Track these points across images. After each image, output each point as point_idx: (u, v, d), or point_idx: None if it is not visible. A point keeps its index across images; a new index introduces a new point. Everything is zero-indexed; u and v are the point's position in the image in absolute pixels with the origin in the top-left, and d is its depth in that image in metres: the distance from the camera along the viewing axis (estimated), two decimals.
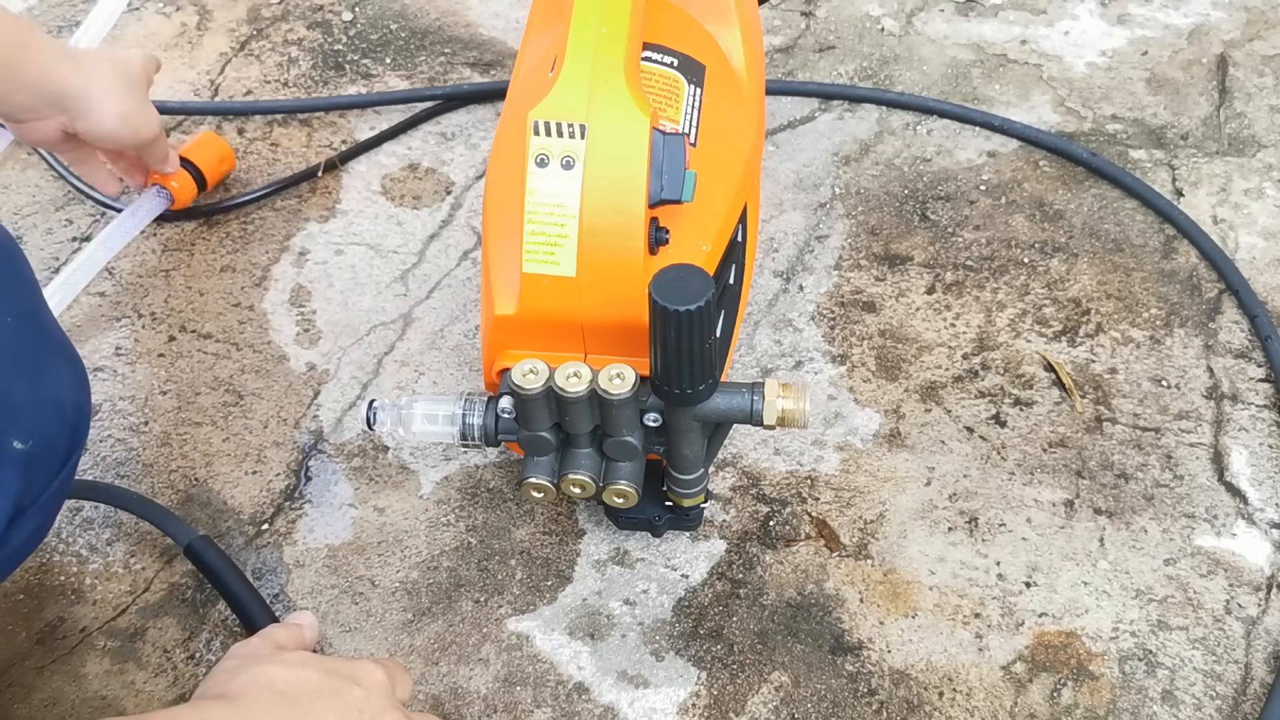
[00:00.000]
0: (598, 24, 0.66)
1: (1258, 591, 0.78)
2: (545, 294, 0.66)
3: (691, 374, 0.63)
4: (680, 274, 0.61)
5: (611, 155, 0.64)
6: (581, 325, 0.67)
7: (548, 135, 0.64)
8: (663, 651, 0.77)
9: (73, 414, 0.61)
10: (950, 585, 0.80)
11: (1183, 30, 1.22)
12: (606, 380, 0.65)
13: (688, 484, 0.73)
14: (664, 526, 0.80)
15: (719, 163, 0.75)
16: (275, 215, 1.09)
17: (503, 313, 0.68)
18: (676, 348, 0.61)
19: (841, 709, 0.74)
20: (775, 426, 0.68)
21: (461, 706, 0.75)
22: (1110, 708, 0.73)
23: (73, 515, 0.87)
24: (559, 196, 0.64)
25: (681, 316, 0.59)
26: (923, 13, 1.27)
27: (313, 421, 0.92)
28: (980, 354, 0.94)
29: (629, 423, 0.67)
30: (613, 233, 0.65)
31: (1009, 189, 1.07)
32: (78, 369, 0.63)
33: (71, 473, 0.63)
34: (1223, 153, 1.09)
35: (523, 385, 0.65)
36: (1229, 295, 0.96)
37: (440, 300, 1.01)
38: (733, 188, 0.74)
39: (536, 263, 0.66)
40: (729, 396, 0.67)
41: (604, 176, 0.64)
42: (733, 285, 0.78)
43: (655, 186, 0.65)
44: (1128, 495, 0.84)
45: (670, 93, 0.76)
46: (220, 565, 0.80)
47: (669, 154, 0.65)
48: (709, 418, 0.68)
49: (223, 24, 1.32)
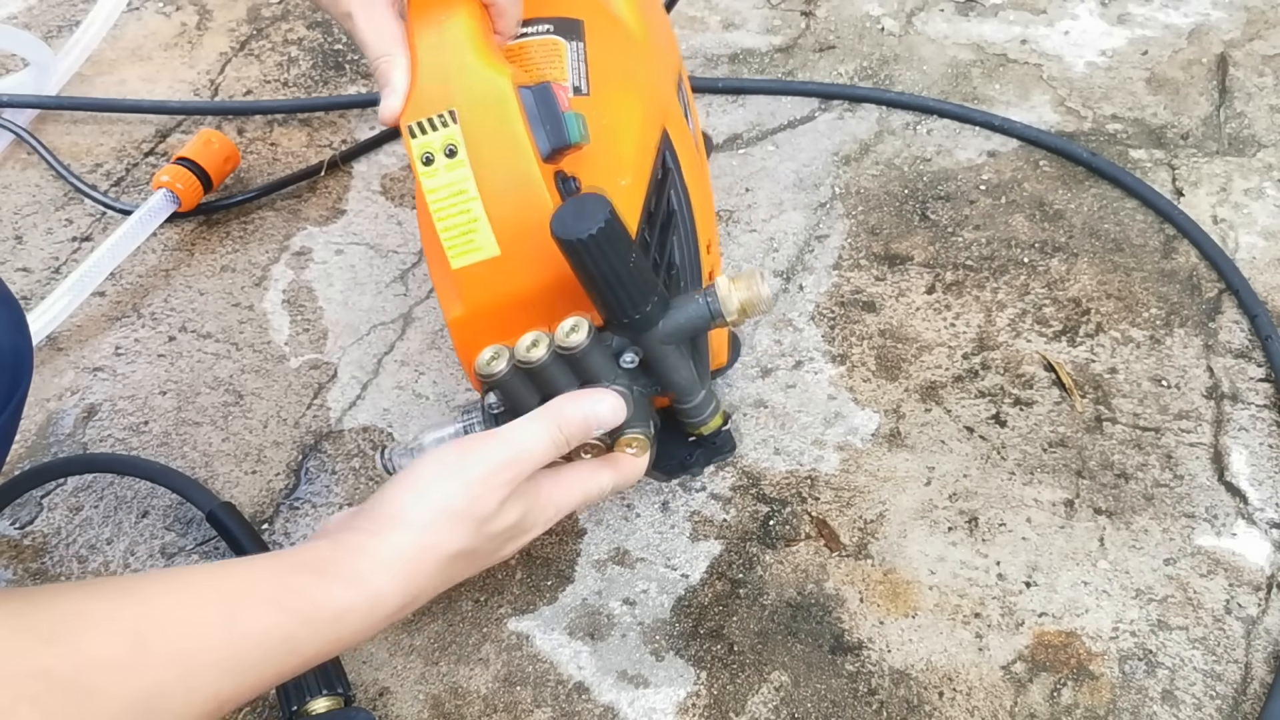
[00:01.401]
0: (436, 21, 0.67)
1: (1258, 591, 0.78)
2: (482, 282, 0.67)
3: (630, 296, 0.62)
4: (576, 204, 0.61)
5: (486, 126, 0.64)
6: (528, 298, 0.67)
7: (424, 134, 0.64)
8: (663, 651, 0.77)
9: (11, 356, 0.61)
10: (950, 585, 0.80)
11: (1183, 30, 1.22)
12: (564, 336, 0.65)
13: (697, 409, 0.72)
14: (699, 462, 0.78)
15: (618, 100, 0.75)
16: (275, 215, 1.09)
17: (453, 316, 0.69)
18: (600, 275, 0.61)
19: (841, 709, 0.74)
20: (741, 320, 0.67)
21: (461, 706, 0.75)
22: (1110, 708, 0.73)
23: (73, 515, 0.87)
24: (455, 185, 0.65)
25: (587, 243, 0.59)
26: (923, 12, 1.27)
27: (313, 421, 0.92)
28: (980, 354, 0.94)
29: (607, 371, 0.67)
30: (518, 198, 0.65)
31: (1009, 189, 1.07)
32: (15, 313, 0.63)
33: (14, 418, 0.63)
34: (1223, 152, 1.09)
35: (490, 373, 0.66)
36: (1229, 295, 0.96)
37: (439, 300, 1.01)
38: (638, 119, 0.74)
39: (461, 255, 0.66)
40: (684, 308, 0.66)
41: (488, 149, 0.64)
42: (678, 210, 0.77)
43: (541, 139, 0.65)
44: (1128, 495, 0.84)
45: (551, 56, 0.77)
46: (241, 532, 0.80)
47: (540, 103, 0.65)
48: (675, 335, 0.67)
49: (223, 24, 1.32)
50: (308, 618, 0.51)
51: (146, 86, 1.26)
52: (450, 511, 0.57)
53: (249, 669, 0.48)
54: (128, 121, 1.21)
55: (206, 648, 0.46)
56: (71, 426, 0.93)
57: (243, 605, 0.49)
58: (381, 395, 0.94)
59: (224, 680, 0.46)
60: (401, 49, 0.65)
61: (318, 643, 0.51)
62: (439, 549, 0.57)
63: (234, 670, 0.47)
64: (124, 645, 0.43)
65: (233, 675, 0.47)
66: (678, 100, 0.84)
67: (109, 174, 1.15)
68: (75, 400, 0.95)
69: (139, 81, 1.26)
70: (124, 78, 1.27)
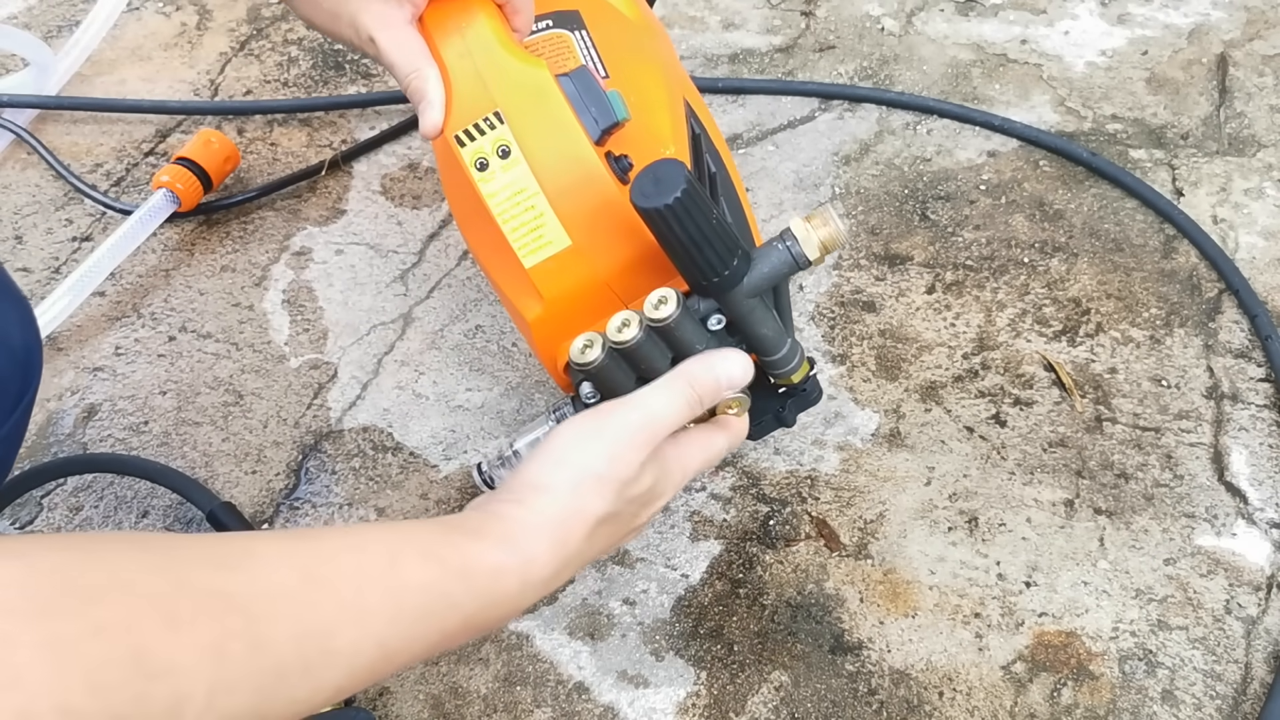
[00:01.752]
0: (458, 28, 0.67)
1: (1258, 591, 0.78)
2: (558, 275, 0.66)
3: (718, 255, 0.62)
4: (651, 173, 0.60)
5: (534, 120, 0.64)
6: (605, 283, 0.67)
7: (472, 139, 0.64)
8: (662, 651, 0.77)
9: (22, 354, 0.62)
10: (950, 585, 0.80)
11: (1183, 30, 1.22)
12: (652, 310, 0.64)
13: (784, 360, 0.71)
14: (792, 413, 0.77)
15: (639, 76, 0.75)
16: (275, 215, 1.09)
17: (533, 316, 0.68)
18: (689, 238, 0.61)
19: (841, 709, 0.74)
20: (822, 258, 0.66)
21: (461, 706, 0.75)
22: (1110, 708, 0.73)
23: (73, 515, 0.87)
24: (515, 184, 0.65)
25: (674, 207, 0.59)
26: (923, 12, 1.27)
27: (313, 421, 0.92)
28: (980, 354, 0.94)
29: (698, 336, 0.66)
30: (579, 185, 0.65)
31: (1009, 189, 1.07)
32: (25, 312, 0.63)
33: (24, 416, 0.63)
34: (1223, 152, 1.09)
35: (585, 361, 0.65)
36: (1229, 295, 0.96)
37: (440, 300, 1.01)
38: (663, 91, 0.75)
39: (533, 252, 0.66)
40: (766, 258, 0.66)
41: (542, 142, 0.65)
42: (717, 172, 0.77)
43: (589, 123, 0.65)
44: (1128, 495, 0.84)
45: (561, 49, 0.77)
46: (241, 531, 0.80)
47: (582, 87, 0.65)
48: (761, 287, 0.66)
49: (223, 24, 1.32)
50: (465, 572, 0.51)
51: (146, 86, 1.26)
52: (594, 474, 0.57)
53: (414, 620, 0.48)
54: (128, 121, 1.21)
55: (372, 590, 0.46)
56: (71, 426, 0.93)
57: (404, 554, 0.49)
58: (381, 395, 0.94)
59: (389, 629, 0.46)
60: (429, 62, 0.65)
61: (476, 601, 0.51)
62: (585, 512, 0.56)
63: (399, 619, 0.47)
64: (295, 578, 0.44)
65: (397, 624, 0.47)
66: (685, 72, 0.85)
67: (109, 174, 1.15)
68: (75, 400, 0.95)
69: (139, 81, 1.26)
70: (124, 78, 1.27)
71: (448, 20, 0.67)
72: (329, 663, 0.43)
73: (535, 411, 0.92)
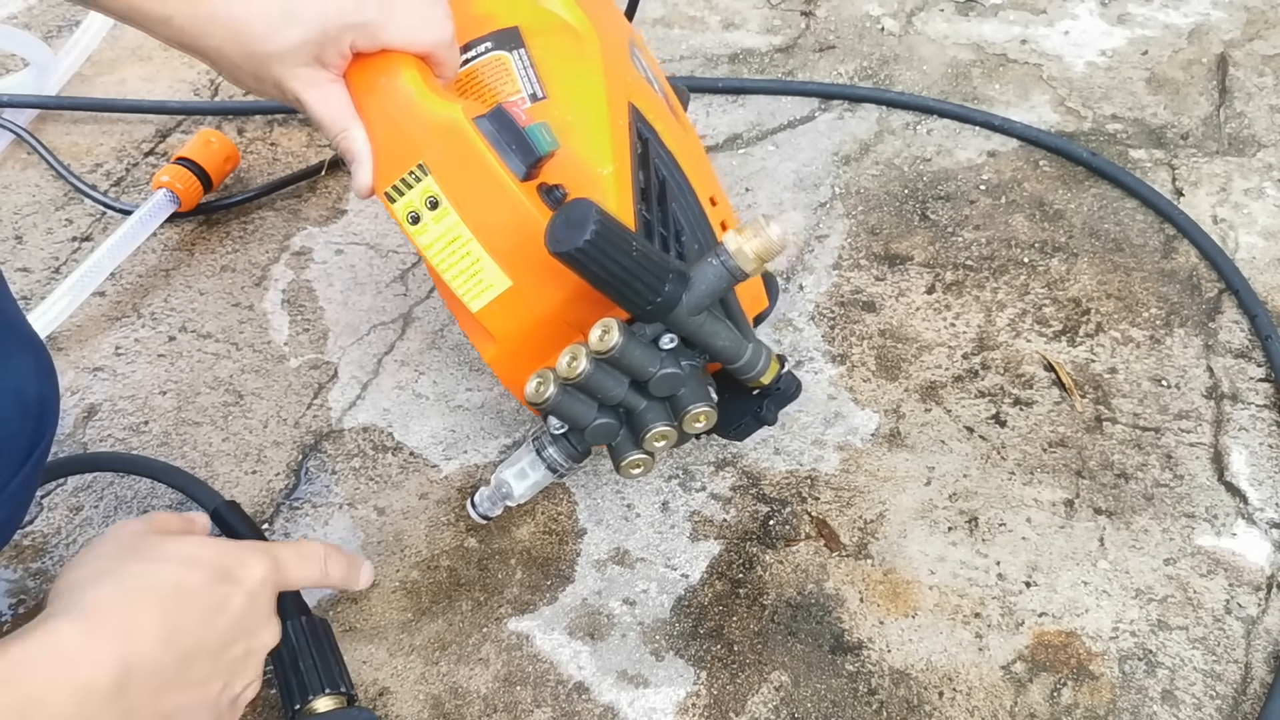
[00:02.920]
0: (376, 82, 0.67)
1: (1258, 591, 0.78)
2: (505, 315, 0.68)
3: (645, 284, 0.62)
4: (562, 215, 0.61)
5: (456, 166, 0.65)
6: (553, 316, 0.68)
7: (401, 195, 0.65)
8: (662, 651, 0.77)
9: (35, 405, 0.60)
10: (950, 585, 0.80)
11: (1183, 30, 1.22)
12: (597, 342, 0.65)
13: (749, 365, 0.71)
14: (772, 412, 0.76)
15: (577, 93, 0.75)
16: (275, 215, 1.09)
17: (490, 355, 0.70)
18: (610, 275, 0.61)
19: (841, 709, 0.74)
20: (761, 267, 0.66)
21: (461, 706, 0.75)
22: (1110, 707, 0.73)
23: (73, 515, 0.87)
24: (449, 234, 0.66)
25: (585, 248, 0.59)
26: (923, 12, 1.27)
27: (313, 421, 0.92)
28: (980, 354, 0.94)
29: (649, 359, 0.67)
30: (510, 226, 0.65)
31: (1009, 189, 1.07)
32: (43, 360, 0.62)
33: (38, 466, 0.62)
34: (1223, 152, 1.09)
35: (541, 399, 0.66)
36: (1229, 295, 0.96)
37: (440, 300, 1.01)
38: (602, 104, 0.74)
39: (477, 296, 0.67)
40: (703, 275, 0.65)
41: (466, 189, 0.65)
42: (668, 176, 0.76)
43: (514, 162, 0.65)
44: (1128, 495, 0.84)
45: (500, 72, 0.76)
46: (245, 530, 0.80)
47: (500, 126, 0.65)
48: (702, 304, 0.66)
49: None
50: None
51: (146, 86, 1.26)
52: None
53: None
54: (128, 121, 1.21)
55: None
56: (71, 426, 0.93)
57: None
58: (381, 395, 0.94)
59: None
60: (355, 120, 0.66)
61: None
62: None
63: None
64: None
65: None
66: (635, 68, 0.83)
67: (109, 174, 1.15)
68: (75, 400, 0.95)
69: (139, 81, 1.26)
70: (124, 78, 1.27)
71: (368, 75, 0.67)
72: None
73: None
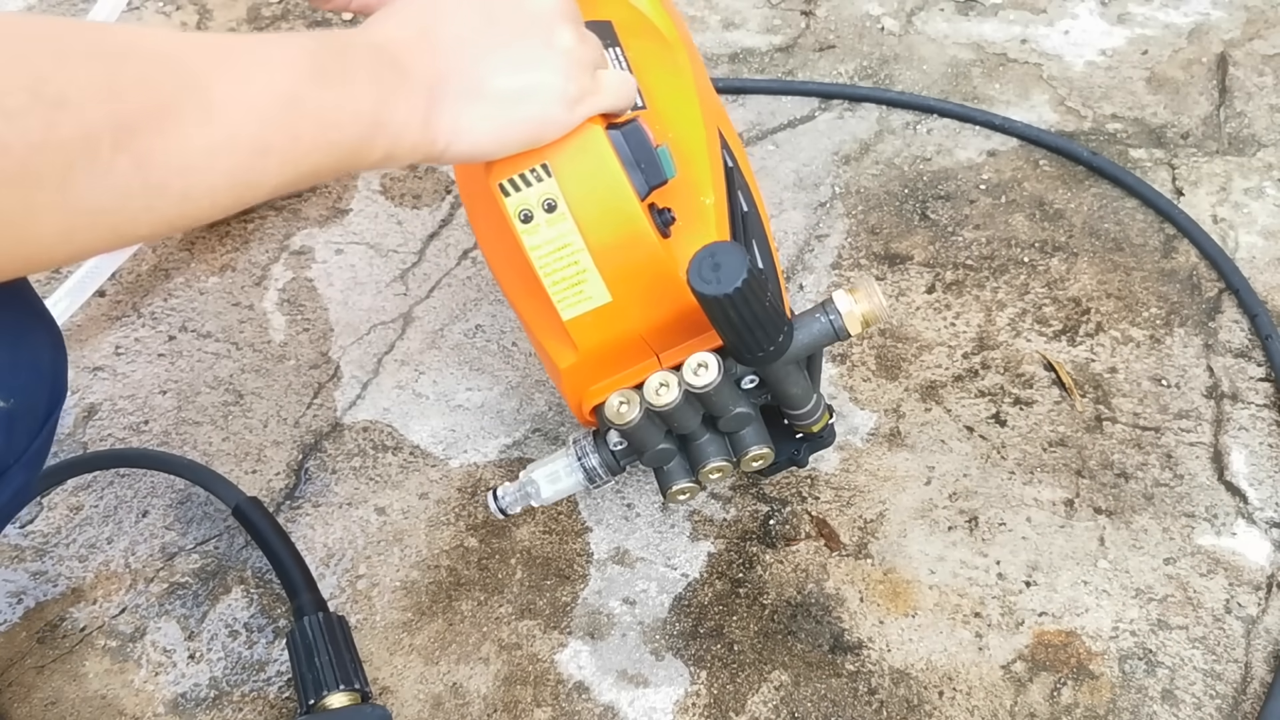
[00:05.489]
0: None
1: (1257, 591, 0.78)
2: (594, 329, 0.66)
3: (766, 334, 0.63)
4: (710, 257, 0.60)
5: (584, 177, 0.62)
6: (642, 336, 0.67)
7: (517, 190, 0.62)
8: (662, 651, 0.77)
9: (50, 374, 0.62)
10: (950, 584, 0.80)
11: (1183, 29, 1.22)
12: (691, 376, 0.65)
13: (808, 414, 0.72)
14: (806, 455, 0.78)
15: (676, 109, 0.73)
16: (275, 215, 1.09)
17: (566, 365, 0.68)
18: (742, 323, 0.61)
19: (841, 708, 0.74)
20: (862, 332, 0.67)
21: (461, 706, 0.75)
22: (1110, 707, 0.73)
23: (73, 515, 0.87)
24: (560, 240, 0.63)
25: (733, 297, 0.59)
26: (923, 12, 1.27)
27: (313, 421, 0.92)
28: (980, 353, 0.94)
29: (731, 398, 0.67)
30: (624, 243, 0.64)
31: (1009, 188, 1.07)
32: (54, 332, 0.64)
33: (51, 433, 0.64)
34: (1223, 152, 1.09)
35: (621, 420, 0.66)
36: (1229, 294, 0.96)
37: (440, 299, 1.01)
38: (700, 127, 0.72)
39: (572, 306, 0.65)
40: (808, 328, 0.66)
41: (590, 200, 0.63)
42: (748, 211, 0.76)
43: (638, 181, 0.64)
44: (1128, 494, 0.84)
45: None
46: (266, 526, 0.80)
47: (634, 144, 0.64)
48: (798, 356, 0.67)
49: (223, 23, 1.32)
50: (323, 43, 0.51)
51: None
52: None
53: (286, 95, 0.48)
54: None
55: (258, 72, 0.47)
56: (72, 426, 0.93)
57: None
58: (382, 395, 0.94)
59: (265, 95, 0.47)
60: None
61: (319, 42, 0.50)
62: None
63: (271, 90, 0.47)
64: (177, 41, 0.46)
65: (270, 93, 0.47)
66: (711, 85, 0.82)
67: None
68: (75, 400, 0.95)
69: None
70: None
71: None
72: (214, 117, 0.45)
73: (535, 411, 0.92)
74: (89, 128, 0.40)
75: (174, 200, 0.45)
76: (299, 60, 0.49)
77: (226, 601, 0.81)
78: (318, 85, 0.49)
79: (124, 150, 0.41)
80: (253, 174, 0.47)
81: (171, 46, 0.45)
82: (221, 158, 0.45)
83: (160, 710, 0.76)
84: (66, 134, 0.40)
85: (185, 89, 0.44)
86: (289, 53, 0.49)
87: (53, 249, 0.42)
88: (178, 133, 0.43)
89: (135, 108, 0.42)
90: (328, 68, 0.49)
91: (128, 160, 0.42)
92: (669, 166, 0.64)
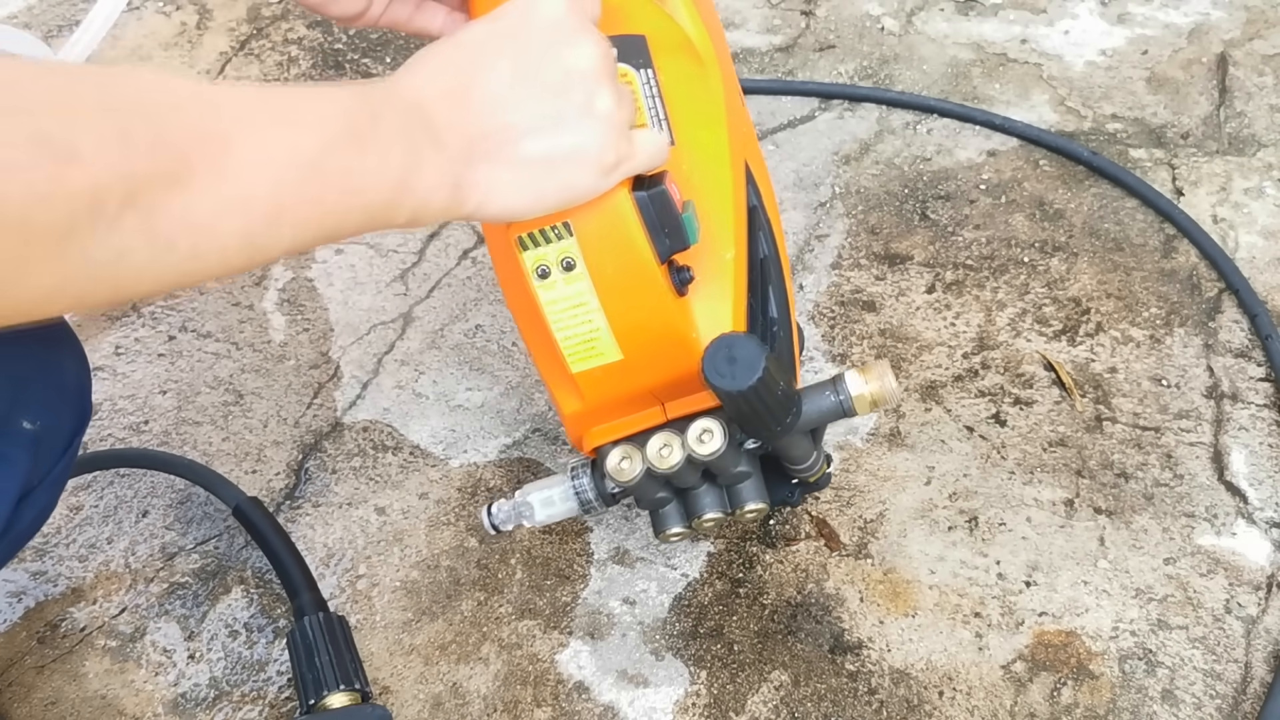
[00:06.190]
0: None
1: (1257, 591, 0.78)
2: (603, 382, 0.66)
3: (776, 419, 0.63)
4: (726, 348, 0.60)
5: (605, 239, 0.61)
6: (647, 391, 0.67)
7: (536, 245, 0.61)
8: (662, 651, 0.77)
9: (76, 396, 0.63)
10: (950, 584, 0.80)
11: (1183, 29, 1.22)
12: (696, 442, 0.65)
13: (808, 468, 0.74)
14: (799, 498, 0.79)
15: (704, 147, 0.70)
16: None
17: (570, 410, 0.68)
18: (753, 413, 0.61)
19: (841, 708, 0.74)
20: (869, 412, 0.68)
21: (461, 706, 0.75)
22: (1110, 707, 0.73)
23: (73, 515, 0.87)
24: (575, 298, 0.63)
25: (746, 393, 0.59)
26: (923, 12, 1.27)
27: (313, 421, 0.92)
28: (980, 353, 0.94)
29: (732, 459, 0.68)
30: (640, 305, 0.63)
31: (1009, 188, 1.07)
32: (80, 353, 0.65)
33: (75, 453, 0.65)
34: (1223, 152, 1.09)
35: (621, 477, 0.66)
36: (1229, 294, 0.96)
37: (440, 299, 1.01)
38: (728, 171, 0.70)
39: (582, 361, 0.65)
40: (816, 404, 0.67)
41: (608, 262, 0.62)
42: (767, 255, 0.74)
43: (661, 246, 0.62)
44: (1128, 494, 0.84)
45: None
46: (266, 526, 0.80)
47: (660, 209, 0.61)
48: (805, 428, 0.68)
49: (223, 23, 1.32)
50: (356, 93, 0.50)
51: None
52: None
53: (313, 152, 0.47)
54: None
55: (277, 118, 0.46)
56: None
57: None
58: (382, 394, 0.94)
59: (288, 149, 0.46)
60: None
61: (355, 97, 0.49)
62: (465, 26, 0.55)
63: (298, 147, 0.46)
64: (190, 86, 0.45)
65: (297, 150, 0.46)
66: (742, 98, 0.79)
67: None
68: None
69: None
70: None
71: None
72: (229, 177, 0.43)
73: (535, 411, 0.92)
74: (97, 183, 0.39)
75: (181, 259, 0.43)
76: (332, 119, 0.47)
77: (226, 601, 0.81)
78: (347, 147, 0.47)
79: (131, 207, 0.40)
80: (269, 235, 0.46)
81: (193, 99, 0.44)
82: (234, 218, 0.44)
83: (160, 710, 0.76)
84: (74, 188, 0.38)
85: (201, 146, 0.42)
86: (323, 110, 0.47)
87: (47, 301, 0.41)
88: (189, 191, 0.42)
89: (147, 164, 0.41)
90: (360, 129, 0.48)
91: (135, 217, 0.40)
92: (693, 233, 0.63)
